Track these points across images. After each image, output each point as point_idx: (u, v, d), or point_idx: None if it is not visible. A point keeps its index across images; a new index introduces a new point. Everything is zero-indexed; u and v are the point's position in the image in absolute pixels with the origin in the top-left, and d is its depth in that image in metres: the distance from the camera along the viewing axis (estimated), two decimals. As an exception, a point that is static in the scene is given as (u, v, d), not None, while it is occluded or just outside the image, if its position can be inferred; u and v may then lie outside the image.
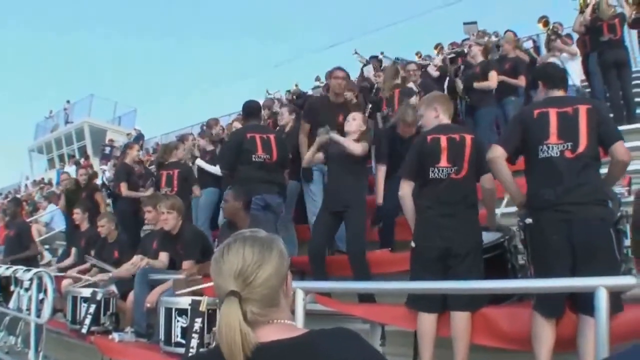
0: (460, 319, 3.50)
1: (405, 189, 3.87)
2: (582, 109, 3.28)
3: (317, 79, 12.06)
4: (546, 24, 8.67)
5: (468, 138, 3.76)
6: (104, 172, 11.55)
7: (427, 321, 3.60)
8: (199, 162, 7.56)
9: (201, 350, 4.01)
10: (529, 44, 9.24)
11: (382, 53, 11.70)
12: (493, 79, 7.07)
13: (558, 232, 3.12)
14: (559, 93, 3.50)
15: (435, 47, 11.24)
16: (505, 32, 8.66)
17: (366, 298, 4.61)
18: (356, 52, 12.10)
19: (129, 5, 75.75)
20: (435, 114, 3.96)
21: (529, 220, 3.32)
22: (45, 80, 68.41)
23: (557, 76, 3.61)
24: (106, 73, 69.35)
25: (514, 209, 4.49)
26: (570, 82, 5.48)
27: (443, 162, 3.73)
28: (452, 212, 3.65)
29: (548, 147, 3.26)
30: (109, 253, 6.48)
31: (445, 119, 3.95)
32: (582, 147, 3.21)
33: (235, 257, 1.30)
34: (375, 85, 7.56)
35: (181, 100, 62.67)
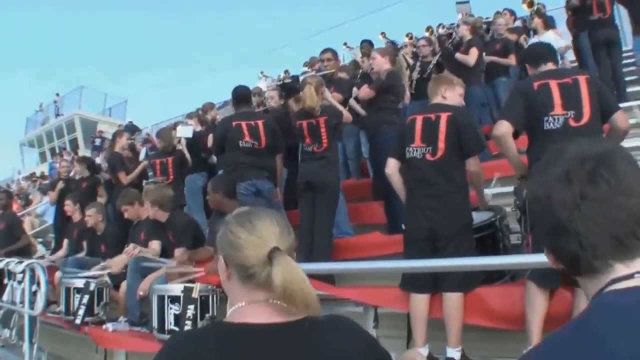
0: (451, 300, 3.49)
1: (390, 166, 3.90)
2: (582, 79, 3.28)
3: (305, 64, 11.93)
4: (531, 4, 8.62)
5: (444, 117, 3.69)
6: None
7: (419, 302, 3.60)
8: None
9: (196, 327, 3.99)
10: (518, 23, 9.16)
11: (382, 33, 11.57)
12: (472, 55, 7.04)
13: None
14: (551, 67, 3.48)
15: (427, 30, 11.16)
16: (502, 10, 8.64)
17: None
18: (346, 46, 11.99)
19: None
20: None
21: None
22: (35, 72, 67.90)
23: (543, 52, 3.61)
24: (95, 64, 68.73)
25: (505, 189, 4.51)
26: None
27: (417, 142, 3.72)
28: (435, 193, 3.63)
29: (554, 119, 3.24)
30: (97, 246, 6.48)
31: (435, 99, 3.92)
32: (586, 116, 3.20)
33: (269, 220, 1.30)
34: (361, 71, 7.50)
35: (171, 90, 62.30)
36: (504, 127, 3.32)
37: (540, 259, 2.90)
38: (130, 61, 73.75)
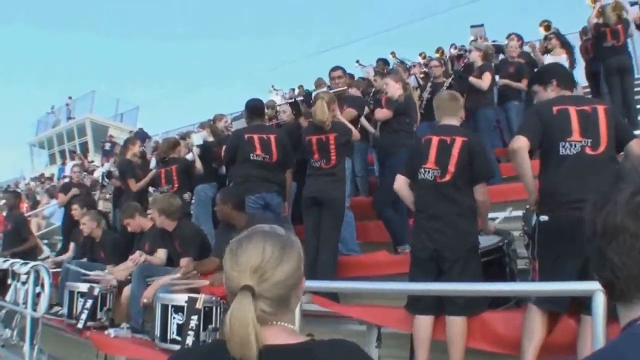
0: (455, 324, 3.48)
1: (399, 182, 3.93)
2: (600, 109, 3.27)
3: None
4: (547, 28, 8.65)
5: (459, 141, 3.68)
6: (103, 167, 11.49)
7: (423, 324, 3.59)
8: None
9: (202, 343, 3.99)
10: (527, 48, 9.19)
11: (392, 53, 11.63)
12: (486, 80, 7.14)
13: (579, 228, 3.04)
14: (568, 93, 3.48)
15: (437, 51, 11.20)
16: (510, 35, 8.67)
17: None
18: (359, 63, 12.08)
19: (132, 4, 75.68)
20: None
21: (544, 218, 3.21)
22: (47, 75, 68.41)
23: (569, 77, 3.65)
24: (108, 70, 69.03)
25: (514, 213, 4.49)
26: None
27: (430, 164, 3.72)
28: (440, 215, 3.63)
29: (570, 145, 3.21)
30: (97, 253, 6.50)
31: (446, 120, 3.92)
32: (603, 145, 3.19)
33: (255, 250, 1.25)
34: (373, 89, 7.58)
35: (182, 99, 62.62)
36: (520, 142, 3.27)
37: (545, 287, 2.91)
38: (132, 78, 74.07)
